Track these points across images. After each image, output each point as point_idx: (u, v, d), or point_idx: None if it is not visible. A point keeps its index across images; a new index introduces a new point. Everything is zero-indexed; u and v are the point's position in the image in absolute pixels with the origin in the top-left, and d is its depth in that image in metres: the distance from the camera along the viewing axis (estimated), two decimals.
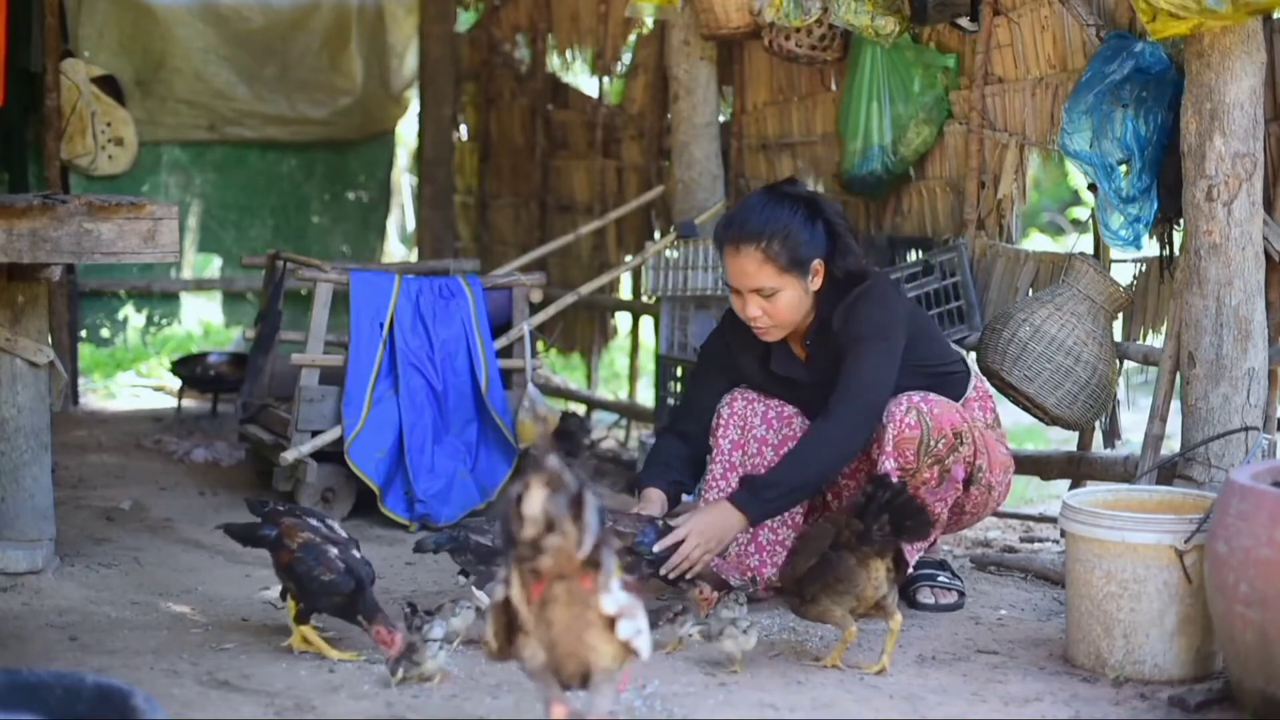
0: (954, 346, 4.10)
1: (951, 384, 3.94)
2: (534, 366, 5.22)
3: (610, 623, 2.59)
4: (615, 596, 2.59)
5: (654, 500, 3.87)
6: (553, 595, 2.58)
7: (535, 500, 2.53)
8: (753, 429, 3.98)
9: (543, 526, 2.52)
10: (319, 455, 4.92)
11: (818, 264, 3.81)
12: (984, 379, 4.06)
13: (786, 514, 3.94)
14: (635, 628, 2.61)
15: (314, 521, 3.53)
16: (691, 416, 4.08)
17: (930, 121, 4.98)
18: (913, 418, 3.73)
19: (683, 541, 3.63)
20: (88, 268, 7.54)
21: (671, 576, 3.64)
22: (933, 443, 3.73)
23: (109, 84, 7.71)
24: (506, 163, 8.20)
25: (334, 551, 3.42)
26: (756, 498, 3.67)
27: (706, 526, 3.65)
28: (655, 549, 3.62)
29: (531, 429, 4.99)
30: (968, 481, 3.79)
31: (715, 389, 4.05)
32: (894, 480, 3.37)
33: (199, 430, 6.47)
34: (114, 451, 6.02)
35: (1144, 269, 4.42)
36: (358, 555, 3.47)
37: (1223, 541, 3.00)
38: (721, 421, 3.99)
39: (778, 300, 3.79)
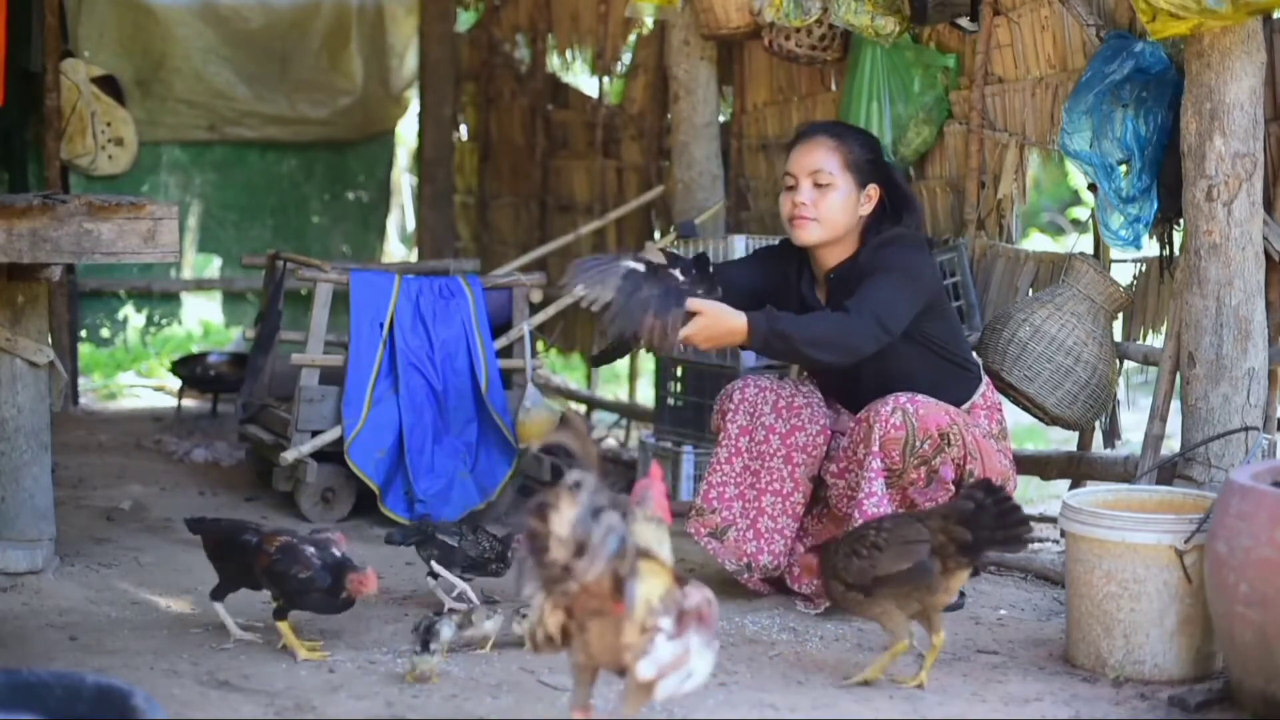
0: (974, 355, 4.10)
1: (960, 380, 3.95)
2: (534, 366, 5.22)
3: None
4: (656, 656, 2.46)
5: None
6: (586, 619, 2.52)
7: (565, 519, 2.38)
8: (762, 416, 3.98)
9: (573, 549, 2.40)
10: (319, 455, 4.92)
11: (873, 190, 3.95)
12: (992, 389, 4.05)
13: (785, 503, 3.93)
14: (677, 682, 2.49)
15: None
16: (716, 265, 4.08)
17: (930, 121, 4.98)
18: (898, 418, 3.73)
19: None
20: (88, 268, 7.54)
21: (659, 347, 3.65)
22: (918, 443, 3.73)
23: (109, 84, 7.70)
24: (506, 163, 8.19)
25: (310, 550, 3.44)
26: (766, 333, 3.69)
27: (715, 320, 3.67)
28: (686, 305, 3.65)
29: (533, 429, 4.99)
30: (957, 484, 3.78)
31: (749, 269, 4.12)
32: (996, 483, 3.25)
33: (199, 430, 6.47)
34: (114, 451, 6.02)
35: (1144, 269, 4.42)
36: (337, 554, 3.46)
37: (1223, 541, 3.00)
38: (731, 407, 4.00)
39: (829, 195, 3.91)
